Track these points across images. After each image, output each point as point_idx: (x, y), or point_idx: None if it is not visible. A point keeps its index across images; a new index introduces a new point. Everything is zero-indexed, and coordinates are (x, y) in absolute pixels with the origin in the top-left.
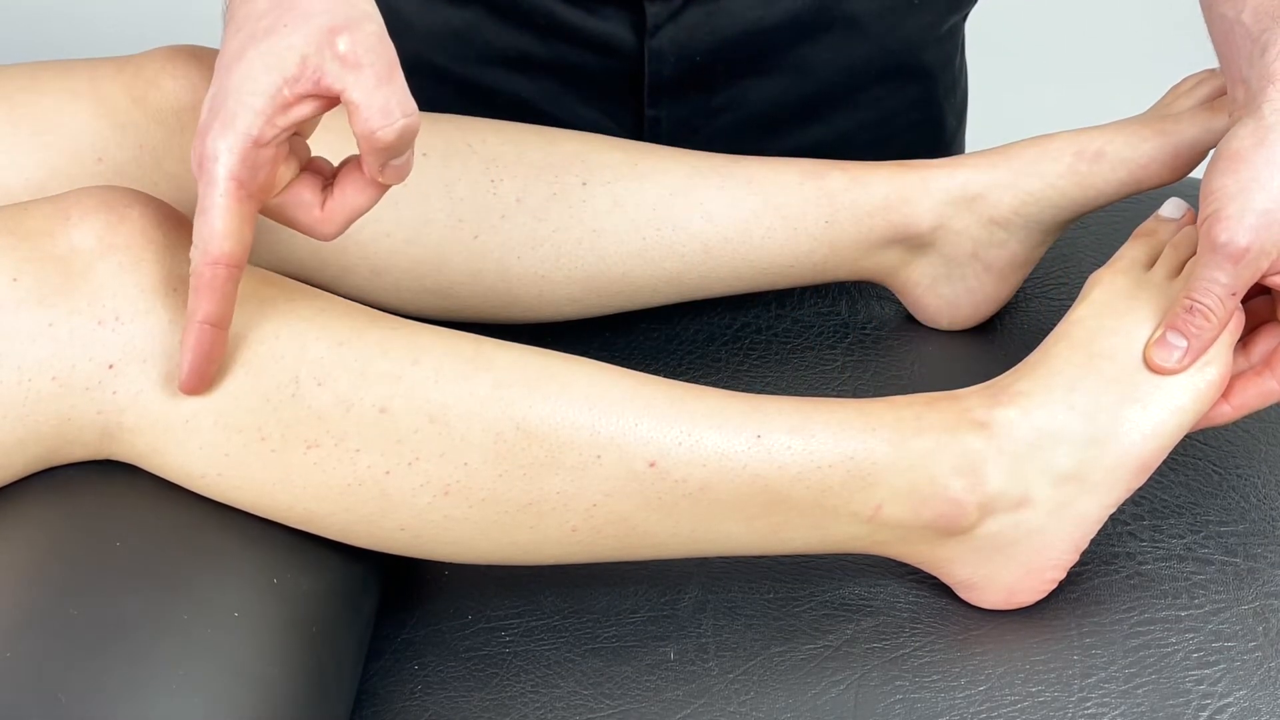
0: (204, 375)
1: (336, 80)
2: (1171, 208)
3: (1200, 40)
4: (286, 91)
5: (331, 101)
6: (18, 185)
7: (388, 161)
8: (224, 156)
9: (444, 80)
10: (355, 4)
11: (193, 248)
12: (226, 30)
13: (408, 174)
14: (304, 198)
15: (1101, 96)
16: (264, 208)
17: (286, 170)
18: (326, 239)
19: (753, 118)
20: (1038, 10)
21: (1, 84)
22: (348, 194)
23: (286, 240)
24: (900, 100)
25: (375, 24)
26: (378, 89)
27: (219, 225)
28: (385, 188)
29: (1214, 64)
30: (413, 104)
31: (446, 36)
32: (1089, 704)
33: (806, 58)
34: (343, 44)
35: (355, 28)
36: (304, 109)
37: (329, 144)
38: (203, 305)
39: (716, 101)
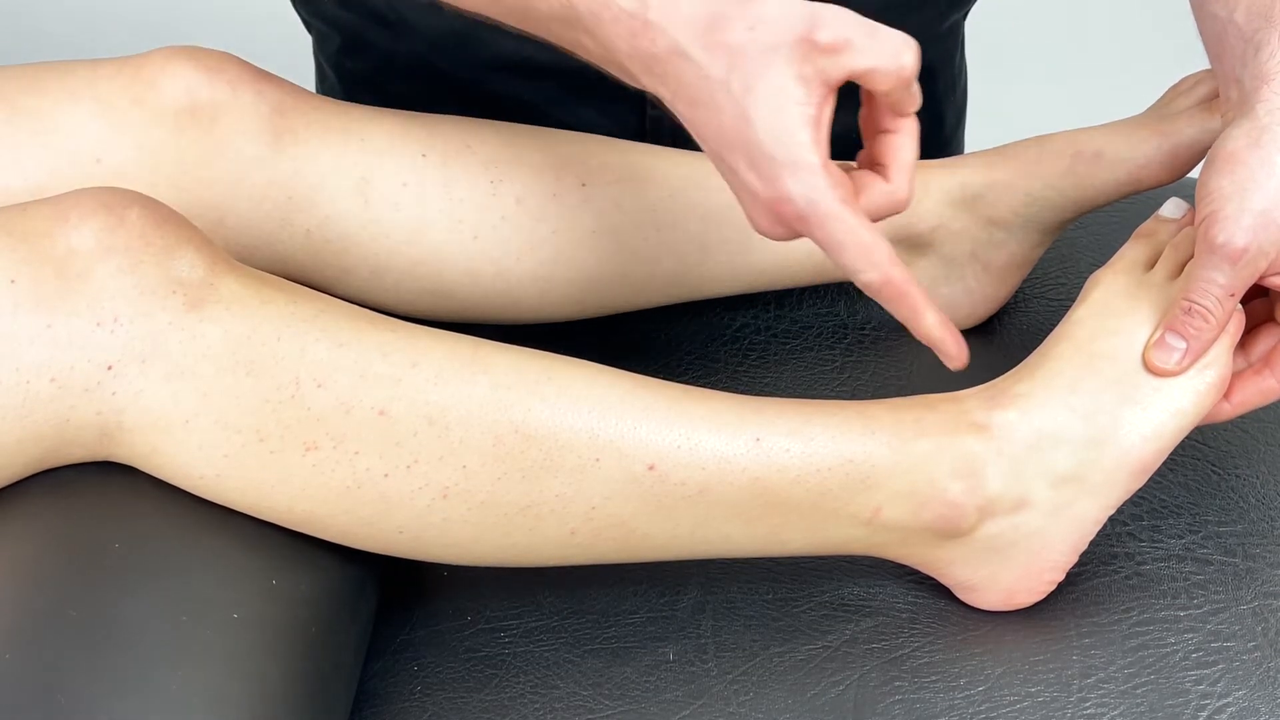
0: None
1: (840, 70)
2: (1172, 208)
3: (1199, 40)
4: (811, 111)
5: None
6: (17, 186)
7: (910, 90)
8: (819, 192)
9: (445, 83)
10: (790, 7)
11: (859, 274)
12: (675, 104)
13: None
14: (872, 186)
15: (1101, 96)
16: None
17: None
18: (906, 204)
19: None
20: (1038, 10)
21: (1, 85)
22: (905, 149)
23: (285, 240)
24: None
25: (825, 5)
26: (872, 46)
27: (866, 237)
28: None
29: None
30: (897, 34)
31: (448, 40)
32: (1088, 704)
33: None
34: (823, 38)
35: (816, 21)
36: (828, 109)
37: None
38: (920, 302)
39: None
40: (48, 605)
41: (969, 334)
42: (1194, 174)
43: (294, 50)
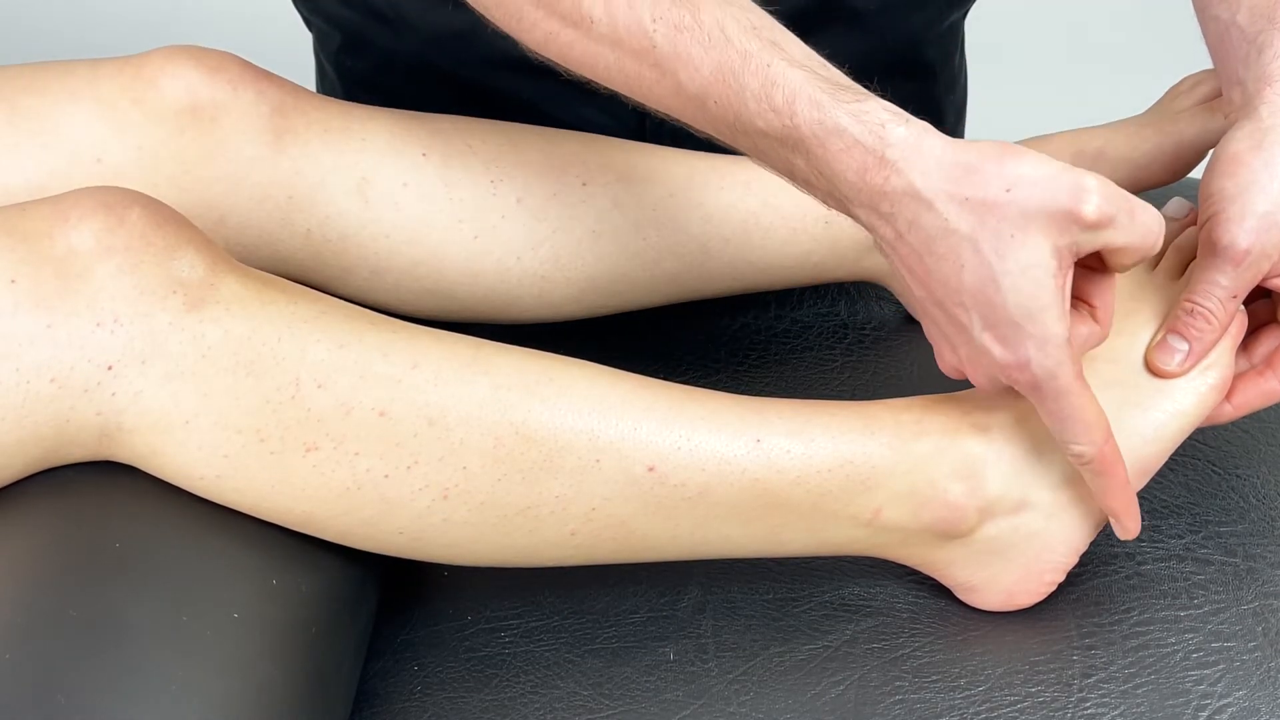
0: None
1: (1094, 245)
2: (1174, 207)
3: (1200, 39)
4: (1061, 281)
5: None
6: (17, 186)
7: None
8: (1062, 368)
9: (445, 81)
10: (1053, 174)
11: (1073, 445)
12: (898, 244)
13: None
14: (1082, 330)
15: (1101, 96)
16: None
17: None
18: (1106, 339)
19: None
20: (1038, 10)
21: (1, 85)
22: (1110, 291)
23: (286, 240)
24: (900, 96)
25: (1089, 175)
26: (1131, 226)
27: (1092, 414)
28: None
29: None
30: (1153, 212)
31: (449, 38)
32: (1088, 704)
33: None
34: (1089, 214)
35: (1082, 194)
36: (1070, 279)
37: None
38: (1122, 476)
39: None
40: (48, 605)
41: None
42: (1195, 174)
43: (294, 50)
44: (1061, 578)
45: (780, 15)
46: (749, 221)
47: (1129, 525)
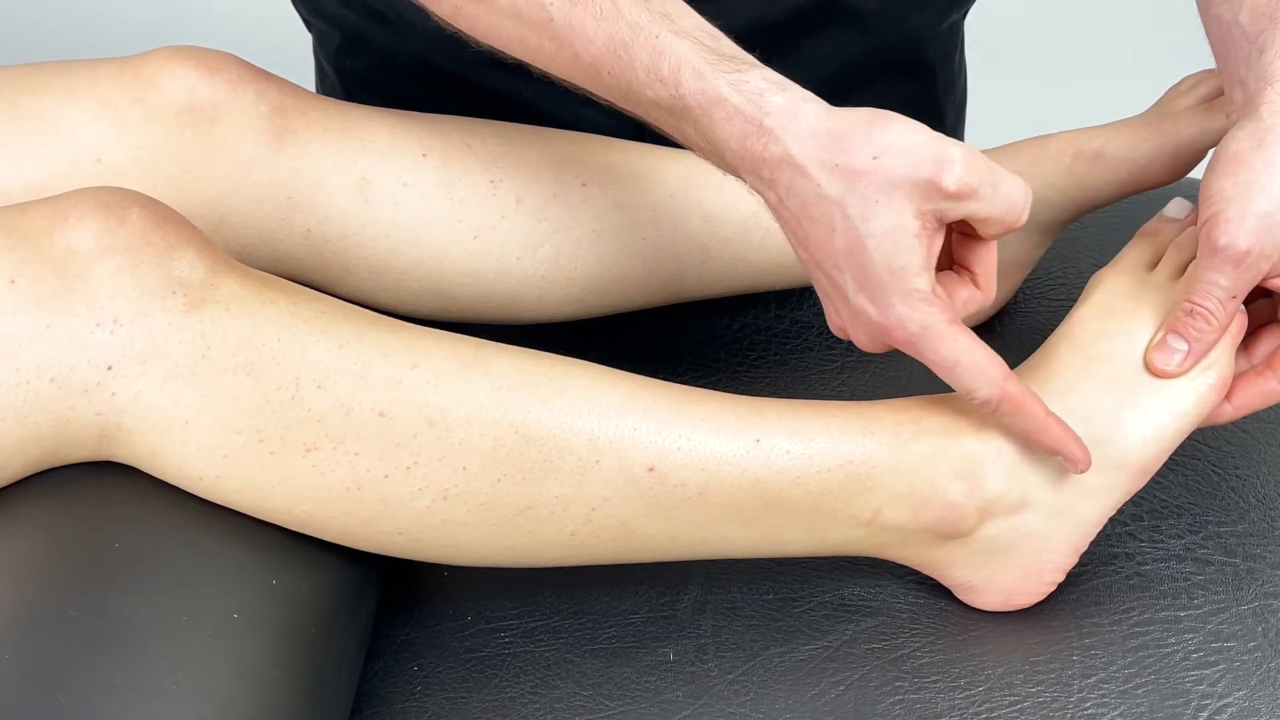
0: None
1: (958, 214)
2: (1176, 207)
3: (1200, 39)
4: (925, 241)
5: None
6: (17, 186)
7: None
8: (931, 318)
9: (445, 80)
10: (919, 143)
11: (974, 391)
12: (779, 209)
13: None
14: (962, 294)
15: (1101, 96)
16: None
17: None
18: (991, 307)
19: None
20: (1038, 10)
21: (2, 85)
22: (990, 256)
23: (285, 240)
24: (900, 96)
25: (954, 146)
26: (994, 198)
27: (979, 355)
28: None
29: (1213, 64)
30: (1019, 185)
31: (448, 37)
32: (1088, 704)
33: (807, 53)
34: (950, 184)
35: (944, 165)
36: (939, 241)
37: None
38: (1038, 411)
39: None
40: (48, 605)
41: None
42: (1195, 174)
43: (294, 50)
44: (1061, 578)
45: (780, 15)
46: (749, 222)
47: (1076, 456)
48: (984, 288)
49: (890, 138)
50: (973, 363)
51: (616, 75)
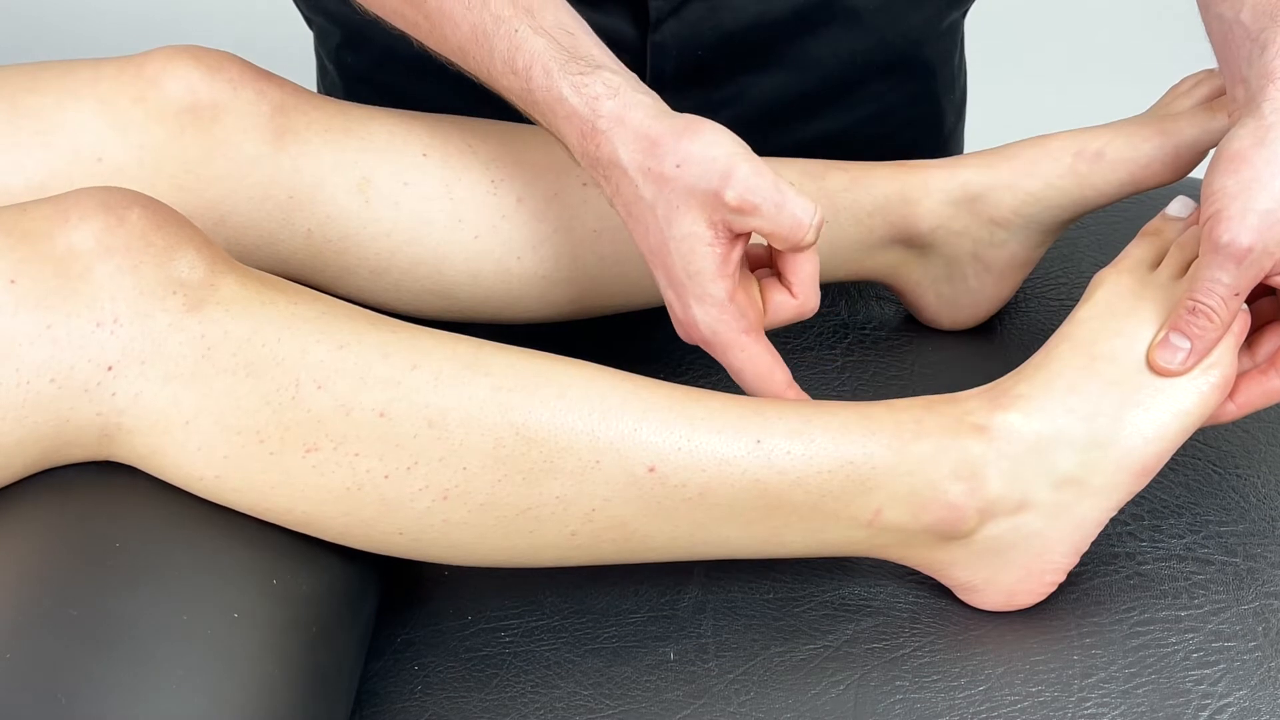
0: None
1: (744, 225)
2: (1178, 206)
3: (1200, 40)
4: (719, 250)
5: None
6: (18, 185)
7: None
8: (722, 324)
9: (445, 79)
10: (714, 156)
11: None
12: (614, 204)
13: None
14: (776, 298)
15: (1101, 96)
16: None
17: (754, 289)
18: (812, 312)
19: (754, 113)
20: (1038, 10)
21: (2, 84)
22: (806, 266)
23: (286, 240)
24: (900, 95)
25: (744, 162)
26: (776, 217)
27: (764, 365)
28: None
29: (1214, 63)
30: (808, 202)
31: None
32: (1089, 704)
33: (808, 52)
34: (730, 199)
35: (727, 180)
36: (738, 249)
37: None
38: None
39: (718, 97)
40: (48, 604)
41: (971, 335)
42: (1196, 174)
43: (294, 49)
44: (1062, 578)
45: (780, 14)
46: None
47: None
48: (799, 296)
49: (694, 148)
50: (756, 373)
51: (478, 62)
